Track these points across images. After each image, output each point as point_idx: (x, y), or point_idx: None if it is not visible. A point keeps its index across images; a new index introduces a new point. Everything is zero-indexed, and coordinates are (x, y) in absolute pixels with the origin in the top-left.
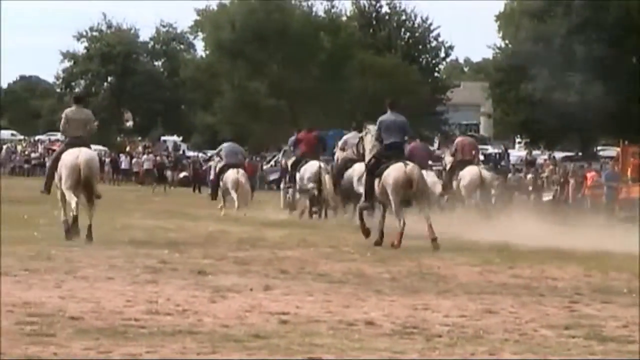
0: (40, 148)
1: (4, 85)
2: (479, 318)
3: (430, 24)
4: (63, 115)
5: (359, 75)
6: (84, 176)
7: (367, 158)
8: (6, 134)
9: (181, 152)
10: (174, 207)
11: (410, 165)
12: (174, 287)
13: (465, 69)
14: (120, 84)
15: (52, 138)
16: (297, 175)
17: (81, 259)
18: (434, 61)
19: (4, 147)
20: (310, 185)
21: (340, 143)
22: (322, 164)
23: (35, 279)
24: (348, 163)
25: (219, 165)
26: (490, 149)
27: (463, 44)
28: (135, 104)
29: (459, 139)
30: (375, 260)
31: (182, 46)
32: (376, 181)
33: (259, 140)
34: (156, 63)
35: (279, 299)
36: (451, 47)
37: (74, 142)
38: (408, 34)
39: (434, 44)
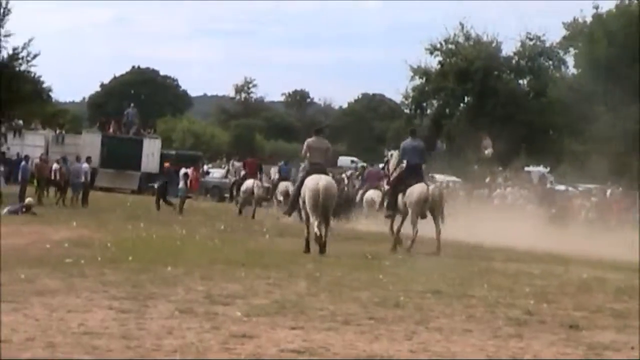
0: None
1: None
2: None
3: None
4: (305, 144)
5: None
6: (322, 200)
7: (392, 176)
8: (345, 160)
9: (548, 185)
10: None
11: (432, 186)
12: (542, 342)
13: None
14: (479, 105)
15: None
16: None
17: (434, 307)
18: None
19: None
20: (245, 195)
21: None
22: (256, 182)
23: (382, 329)
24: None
25: None
26: None
27: None
28: (495, 129)
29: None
30: None
31: (551, 62)
32: (400, 196)
33: None
34: (520, 81)
35: None
36: None
37: (315, 168)
38: None
39: None
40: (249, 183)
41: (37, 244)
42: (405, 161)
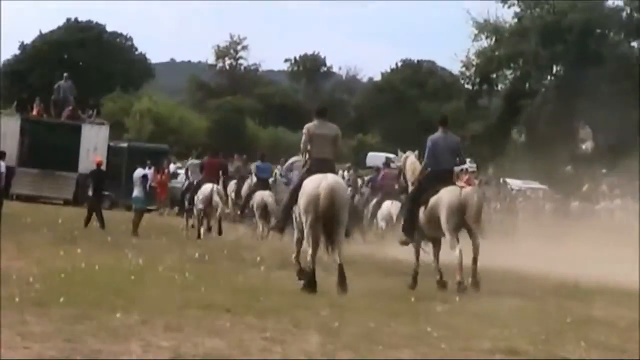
0: None
1: None
2: None
3: None
4: (304, 131)
5: None
6: (324, 208)
7: (409, 185)
8: (376, 157)
9: None
10: None
11: (468, 188)
12: None
13: None
14: (573, 78)
15: None
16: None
17: None
18: None
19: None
20: (200, 206)
21: (286, 165)
22: (215, 187)
23: None
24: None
25: None
26: None
27: None
28: (598, 113)
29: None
30: None
31: None
32: (421, 210)
33: None
34: (634, 43)
35: None
36: None
37: (318, 165)
38: None
39: None
40: (205, 189)
41: None
42: (430, 166)
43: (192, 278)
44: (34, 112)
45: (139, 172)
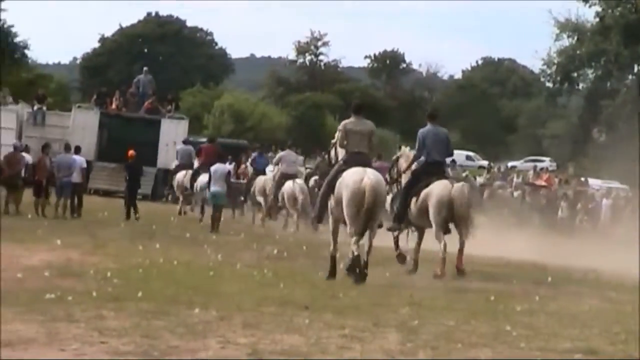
0: None
1: None
2: None
3: None
4: (340, 128)
5: None
6: (368, 204)
7: (403, 179)
8: (457, 155)
9: None
10: None
11: (458, 184)
12: None
13: None
14: None
15: None
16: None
17: None
18: None
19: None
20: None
21: (275, 159)
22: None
23: None
24: (283, 179)
25: None
26: None
27: None
28: None
29: None
30: None
31: None
32: (413, 201)
33: None
34: None
35: None
36: None
37: (355, 159)
38: None
39: None
40: (203, 179)
41: (3, 272)
42: (423, 157)
43: (270, 275)
44: (113, 106)
45: (218, 167)
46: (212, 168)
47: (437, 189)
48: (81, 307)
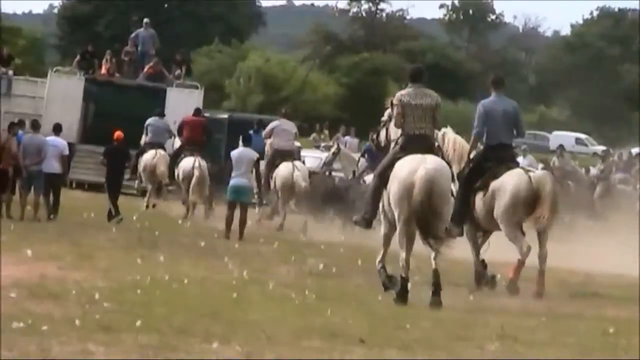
0: None
1: None
2: None
3: None
4: (395, 101)
5: None
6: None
7: (454, 169)
8: (565, 137)
9: None
10: None
11: (540, 173)
12: None
13: None
14: None
15: None
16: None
17: None
18: None
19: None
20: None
21: (265, 131)
22: (198, 159)
23: None
24: (277, 158)
25: None
26: None
27: None
28: None
29: None
30: None
31: None
32: (479, 196)
33: None
34: None
35: None
36: None
37: (414, 143)
38: None
39: None
40: (186, 163)
41: None
42: (484, 139)
43: (314, 297)
44: (103, 71)
45: (242, 152)
46: (234, 153)
47: (510, 180)
48: (60, 339)
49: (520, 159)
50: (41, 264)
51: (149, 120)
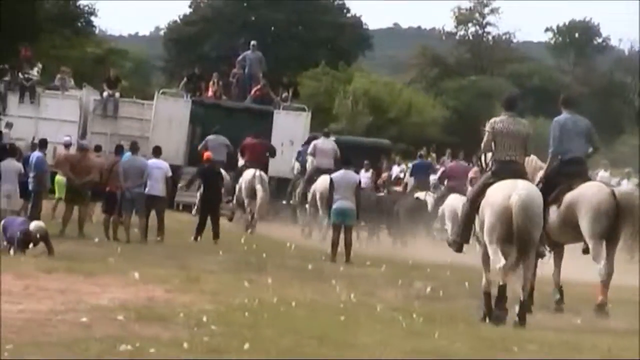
0: None
1: None
2: None
3: None
4: (487, 128)
5: None
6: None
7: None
8: None
9: None
10: None
11: (625, 187)
12: None
13: None
14: None
15: None
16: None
17: None
18: None
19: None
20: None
21: (310, 149)
22: (258, 172)
23: None
24: (317, 174)
25: None
26: None
27: None
28: None
29: None
30: None
31: None
32: (552, 209)
33: None
34: None
35: None
36: None
37: (506, 168)
38: None
39: None
40: (248, 175)
41: (62, 314)
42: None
43: (422, 320)
44: (209, 93)
45: (344, 175)
46: (335, 176)
47: (589, 192)
48: None
49: (601, 172)
50: (148, 286)
51: (209, 137)
